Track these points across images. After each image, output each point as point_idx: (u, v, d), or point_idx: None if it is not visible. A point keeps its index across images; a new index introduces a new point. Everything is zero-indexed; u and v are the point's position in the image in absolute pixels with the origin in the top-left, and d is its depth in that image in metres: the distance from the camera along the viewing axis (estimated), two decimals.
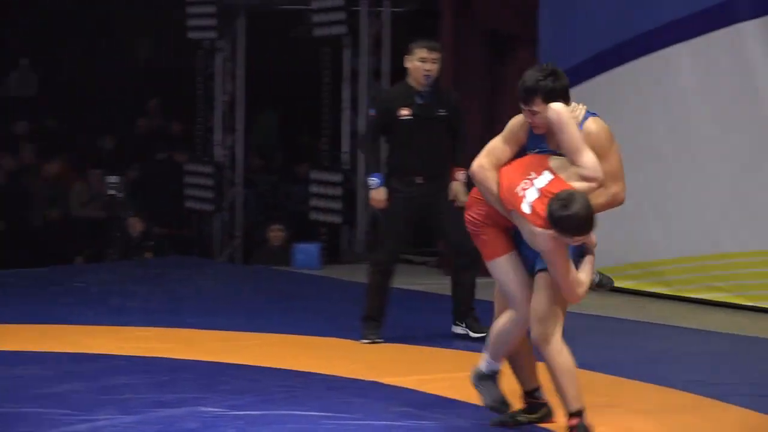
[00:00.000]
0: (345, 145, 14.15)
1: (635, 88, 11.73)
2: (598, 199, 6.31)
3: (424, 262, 13.81)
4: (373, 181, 8.97)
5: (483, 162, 6.60)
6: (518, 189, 6.29)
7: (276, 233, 14.28)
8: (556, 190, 6.15)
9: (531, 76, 6.50)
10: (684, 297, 11.41)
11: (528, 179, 6.29)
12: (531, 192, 6.23)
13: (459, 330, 9.30)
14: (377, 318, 9.20)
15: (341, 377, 8.09)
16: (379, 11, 14.03)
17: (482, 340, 7.78)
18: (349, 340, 9.38)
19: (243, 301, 11.47)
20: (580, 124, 6.48)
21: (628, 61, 11.78)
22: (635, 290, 11.61)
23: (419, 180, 8.99)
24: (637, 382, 8.15)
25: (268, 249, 14.27)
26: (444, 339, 9.44)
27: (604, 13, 11.82)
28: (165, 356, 8.74)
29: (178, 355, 8.78)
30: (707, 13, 11.16)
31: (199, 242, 15.50)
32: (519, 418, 6.90)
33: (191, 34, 15.22)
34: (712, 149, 11.06)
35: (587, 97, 11.60)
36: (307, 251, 13.71)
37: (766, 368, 8.78)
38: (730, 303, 11.03)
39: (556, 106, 6.32)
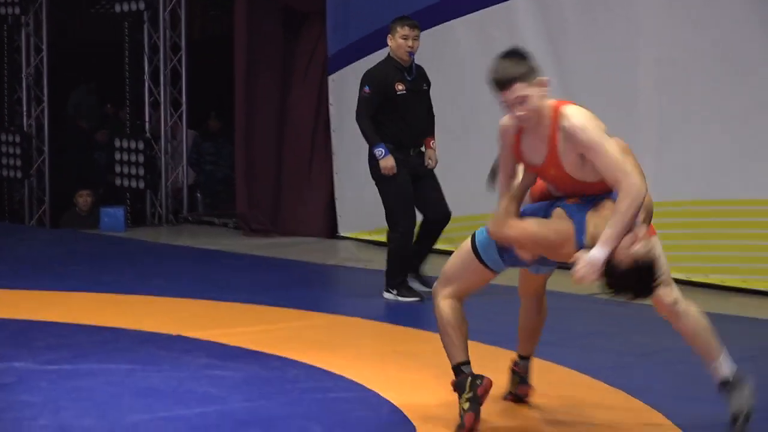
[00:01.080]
0: (147, 114, 14.12)
1: (417, 60, 11.76)
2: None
3: (224, 223, 13.91)
4: (380, 151, 8.93)
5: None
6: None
7: (84, 198, 14.13)
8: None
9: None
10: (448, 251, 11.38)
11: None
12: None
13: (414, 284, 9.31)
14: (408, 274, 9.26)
15: (148, 332, 8.01)
16: None
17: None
18: (154, 297, 9.30)
19: (52, 262, 11.30)
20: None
21: None
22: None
23: (413, 152, 9.12)
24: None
25: (75, 213, 14.15)
26: (244, 293, 9.42)
27: None
28: None
29: None
30: None
31: (9, 209, 15.26)
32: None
33: None
34: (486, 116, 11.19)
35: None
36: (112, 215, 13.66)
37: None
38: None
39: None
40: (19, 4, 14.47)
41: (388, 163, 8.90)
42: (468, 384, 5.64)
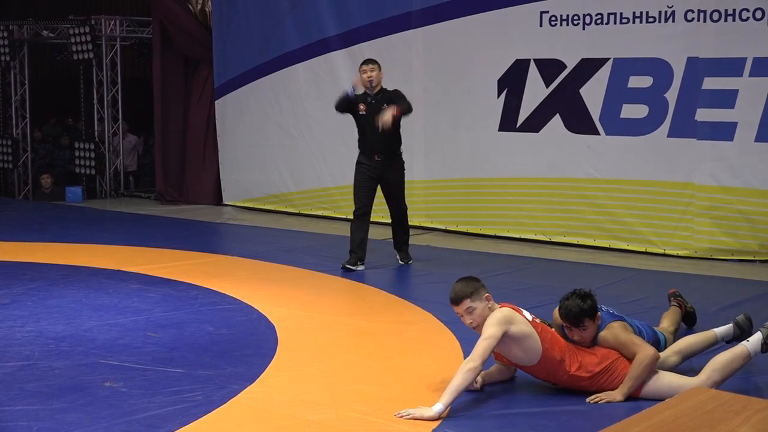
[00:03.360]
0: (95, 125, 13.92)
1: (272, 91, 11.62)
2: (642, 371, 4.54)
3: (148, 197, 13.72)
4: (349, 89, 7.95)
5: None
6: None
7: (45, 180, 13.93)
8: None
9: (572, 303, 4.66)
10: (304, 213, 11.43)
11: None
12: None
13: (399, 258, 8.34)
14: (356, 251, 7.99)
15: (98, 268, 7.94)
16: (113, 44, 13.74)
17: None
18: (102, 245, 9.18)
19: (32, 223, 10.97)
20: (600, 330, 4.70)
21: (270, 74, 11.60)
22: (275, 210, 11.66)
23: (378, 158, 7.96)
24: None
25: (42, 192, 13.97)
26: (161, 242, 9.30)
27: (253, 44, 11.61)
28: None
29: None
30: (314, 45, 11.09)
31: (5, 188, 15.02)
32: None
33: None
34: (318, 126, 11.30)
35: (249, 95, 11.89)
36: (74, 191, 13.45)
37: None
38: (328, 216, 11.13)
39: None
40: (9, 53, 14.20)
41: (354, 81, 7.98)
42: None
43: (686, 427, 2.43)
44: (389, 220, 10.70)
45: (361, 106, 7.97)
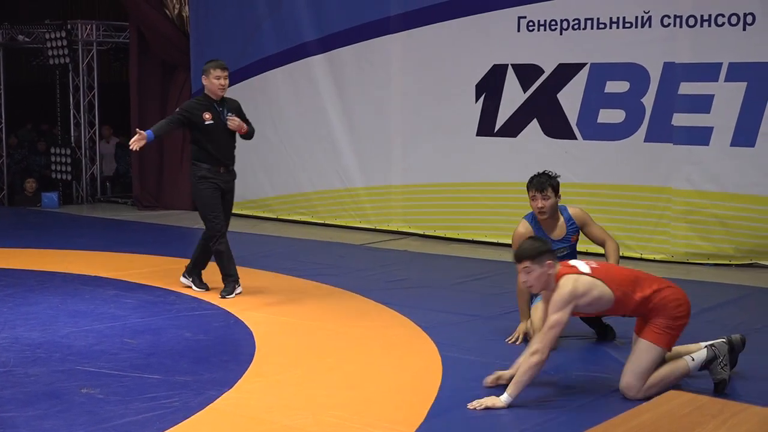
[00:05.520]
0: (71, 131, 13.80)
1: (251, 96, 11.44)
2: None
3: (125, 202, 13.64)
4: (150, 133, 6.95)
5: None
6: None
7: (30, 184, 13.78)
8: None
9: (541, 175, 5.72)
10: (280, 219, 11.37)
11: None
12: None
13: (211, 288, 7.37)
14: (233, 273, 7.16)
15: (74, 273, 7.92)
16: (90, 48, 13.65)
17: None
18: (78, 250, 9.13)
19: (8, 229, 10.92)
20: (564, 211, 5.81)
21: (248, 78, 11.47)
22: (252, 215, 11.59)
23: (222, 170, 7.15)
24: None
25: (24, 196, 13.79)
26: (137, 247, 9.28)
27: (230, 48, 11.48)
28: None
29: None
30: (292, 50, 11.05)
31: None
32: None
33: None
34: (297, 131, 11.22)
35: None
36: (50, 197, 13.28)
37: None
38: (306, 221, 11.10)
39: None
40: None
41: (138, 137, 6.92)
42: None
43: (664, 430, 2.44)
44: (367, 226, 10.73)
45: (207, 115, 7.14)
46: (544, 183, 5.69)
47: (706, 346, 4.84)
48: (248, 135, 7.40)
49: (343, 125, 10.77)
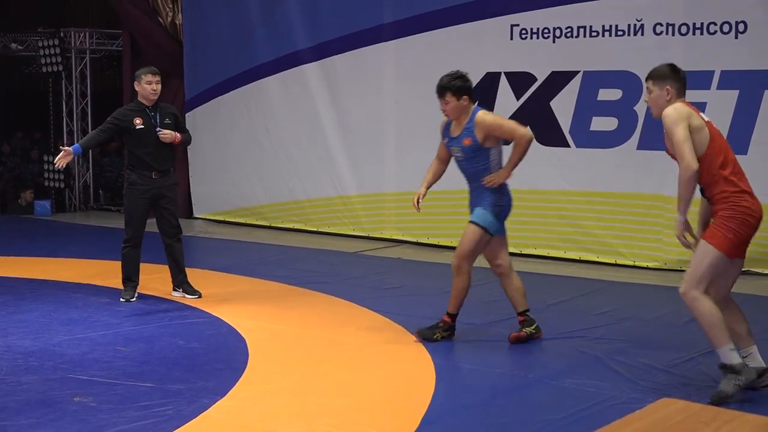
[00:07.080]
0: (65, 139, 13.79)
1: (243, 104, 11.59)
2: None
3: (117, 210, 13.60)
4: (77, 147, 7.03)
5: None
6: None
7: (27, 194, 13.77)
8: None
9: (444, 78, 5.79)
10: (274, 226, 11.37)
11: None
12: None
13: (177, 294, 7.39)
14: (134, 278, 7.34)
15: (67, 281, 7.92)
16: (83, 56, 13.66)
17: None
18: (70, 258, 9.13)
19: (1, 237, 11.00)
20: (472, 116, 5.79)
21: (242, 86, 11.54)
22: (246, 223, 11.60)
23: (155, 175, 7.12)
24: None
25: (18, 204, 13.77)
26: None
27: (224, 56, 11.63)
28: None
29: None
30: (285, 57, 11.05)
31: None
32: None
33: None
34: (290, 139, 11.25)
35: (219, 108, 11.85)
36: (43, 205, 13.27)
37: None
38: (299, 228, 11.08)
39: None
40: None
41: (65, 154, 6.93)
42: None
43: None
44: (360, 233, 10.72)
45: (138, 120, 7.11)
46: (442, 89, 5.77)
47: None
48: (183, 143, 7.44)
49: (336, 133, 10.79)
